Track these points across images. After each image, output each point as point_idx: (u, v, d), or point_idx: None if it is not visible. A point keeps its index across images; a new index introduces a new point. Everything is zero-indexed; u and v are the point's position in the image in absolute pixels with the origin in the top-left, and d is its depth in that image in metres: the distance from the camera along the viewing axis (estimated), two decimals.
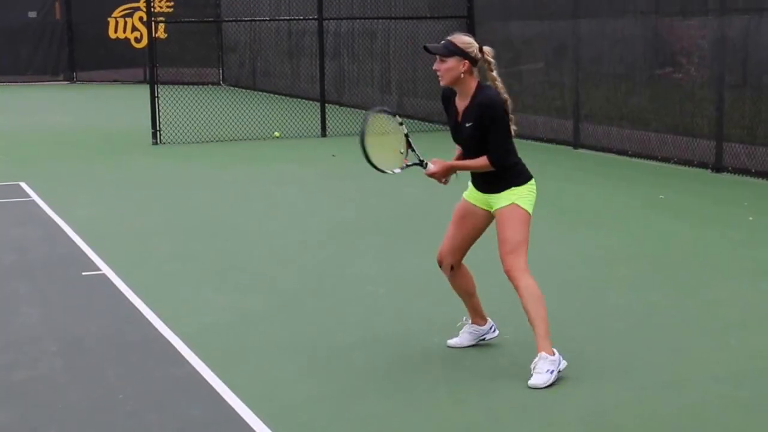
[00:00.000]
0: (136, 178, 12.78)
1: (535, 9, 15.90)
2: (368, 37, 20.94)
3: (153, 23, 16.91)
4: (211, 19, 25.86)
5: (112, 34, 30.57)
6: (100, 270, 7.91)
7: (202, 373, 5.48)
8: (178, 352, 5.84)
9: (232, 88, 27.32)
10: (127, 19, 30.37)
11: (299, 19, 21.89)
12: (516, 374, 5.42)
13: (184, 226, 9.74)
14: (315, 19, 18.04)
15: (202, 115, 17.61)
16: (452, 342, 5.98)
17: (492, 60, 5.45)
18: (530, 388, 5.22)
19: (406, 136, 5.64)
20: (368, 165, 5.54)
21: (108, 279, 7.64)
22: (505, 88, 5.45)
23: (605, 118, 14.43)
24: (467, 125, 5.45)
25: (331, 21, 20.85)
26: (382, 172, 5.59)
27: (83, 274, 7.81)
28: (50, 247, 8.83)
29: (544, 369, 5.30)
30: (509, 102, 5.39)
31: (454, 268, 5.76)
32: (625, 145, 13.98)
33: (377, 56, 20.56)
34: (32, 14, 29.59)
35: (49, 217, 10.10)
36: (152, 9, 16.88)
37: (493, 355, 5.80)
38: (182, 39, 27.78)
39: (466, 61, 5.38)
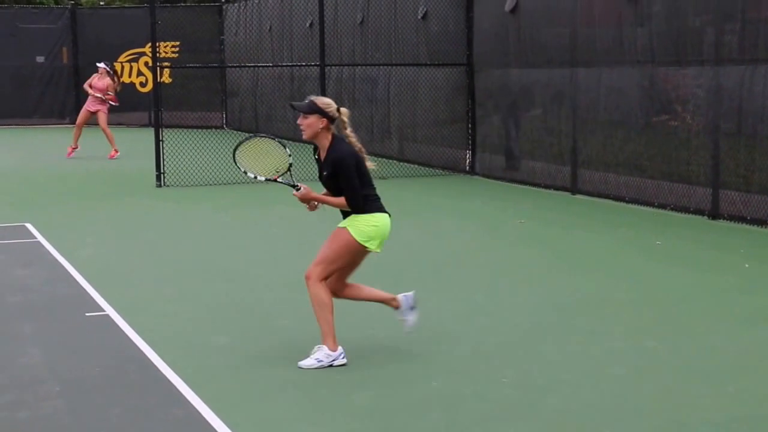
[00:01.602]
0: (140, 220, 12.79)
1: (533, 57, 16.02)
2: (369, 83, 21.05)
3: (158, 68, 17.01)
4: (215, 64, 26.01)
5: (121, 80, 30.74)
6: (103, 311, 7.91)
7: (203, 413, 5.46)
8: (180, 393, 5.83)
9: (235, 131, 27.43)
10: (132, 64, 30.53)
11: (302, 66, 22.03)
12: (514, 416, 5.40)
13: (187, 268, 9.74)
14: (317, 65, 18.14)
15: (205, 158, 17.65)
16: (407, 327, 6.86)
17: (346, 120, 6.41)
18: (298, 367, 6.29)
19: (290, 165, 6.57)
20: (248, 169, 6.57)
21: (111, 320, 7.63)
22: (360, 143, 6.44)
23: (602, 164, 14.48)
24: (324, 173, 6.40)
25: (333, 67, 20.97)
26: (244, 172, 6.60)
27: (87, 314, 7.80)
28: (55, 287, 8.83)
29: (314, 357, 6.37)
30: (362, 150, 6.41)
31: (338, 293, 6.61)
32: (622, 191, 14.02)
33: (378, 102, 20.67)
34: (40, 59, 29.74)
35: (54, 258, 10.11)
36: (157, 54, 16.98)
37: (492, 397, 5.77)
38: (186, 83, 27.92)
39: (325, 119, 6.33)
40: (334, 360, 6.38)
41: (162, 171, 16.34)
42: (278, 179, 6.60)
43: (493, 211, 13.64)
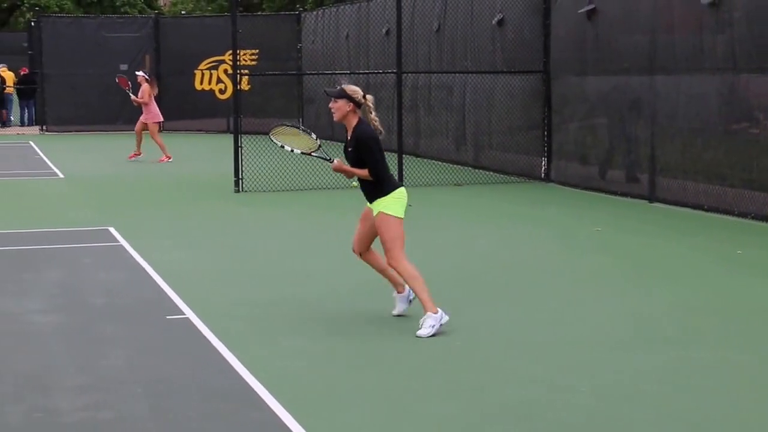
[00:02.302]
0: (219, 224, 12.88)
1: (611, 64, 15.77)
2: (445, 90, 20.96)
3: (238, 76, 17.13)
4: (292, 72, 26.17)
5: (198, 86, 31.09)
6: (183, 314, 7.95)
7: (282, 418, 5.43)
8: (259, 397, 5.80)
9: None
10: (212, 71, 30.87)
11: (378, 73, 22.03)
12: (594, 427, 5.27)
13: (265, 272, 9.75)
14: (394, 73, 18.11)
15: (282, 164, 17.72)
16: (395, 312, 7.77)
17: (371, 105, 7.43)
18: (417, 336, 7.13)
19: (319, 145, 7.75)
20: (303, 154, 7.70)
21: (191, 323, 7.66)
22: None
23: (681, 172, 14.19)
24: (349, 149, 7.44)
25: (409, 74, 20.92)
26: (281, 147, 7.75)
27: (167, 317, 7.85)
28: (136, 290, 8.90)
29: (428, 324, 7.20)
30: (383, 133, 7.44)
31: (362, 254, 7.71)
32: (701, 199, 13.70)
33: (453, 109, 20.57)
34: (124, 67, 30.18)
35: (136, 261, 10.22)
36: (237, 62, 17.09)
37: (571, 407, 5.65)
38: (265, 91, 28.13)
39: (352, 103, 7.37)
40: (441, 320, 7.27)
41: (240, 176, 16.44)
42: (312, 153, 7.68)
43: (569, 219, 13.45)
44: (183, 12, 43.46)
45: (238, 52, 17.15)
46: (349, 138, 7.42)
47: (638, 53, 15.05)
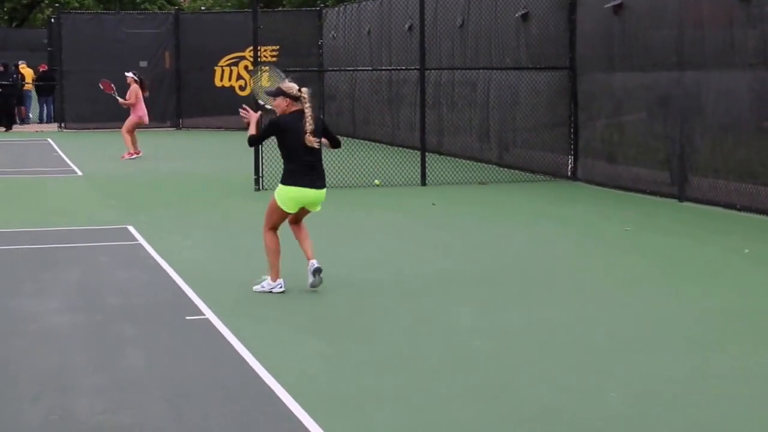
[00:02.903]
0: (239, 224, 12.86)
1: (638, 60, 15.65)
2: (468, 87, 20.88)
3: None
4: (313, 68, 26.13)
5: (218, 82, 31.12)
6: (203, 314, 7.93)
7: (303, 420, 5.40)
8: (280, 400, 5.78)
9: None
10: (232, 67, 30.89)
11: (401, 69, 21.95)
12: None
13: (286, 273, 9.71)
14: (417, 69, 18.05)
15: None
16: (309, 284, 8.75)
17: (306, 97, 8.50)
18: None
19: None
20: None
21: (211, 324, 7.64)
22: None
23: (711, 170, 14.04)
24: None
25: (432, 71, 20.84)
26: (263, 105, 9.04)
27: (187, 318, 7.83)
28: (155, 290, 8.90)
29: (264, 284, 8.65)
30: (310, 126, 8.52)
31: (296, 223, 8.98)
32: (732, 198, 13.56)
33: (477, 106, 20.48)
34: (143, 63, 30.24)
35: (155, 261, 10.22)
36: (258, 58, 17.07)
37: (600, 412, 5.57)
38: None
39: (288, 98, 8.52)
40: (275, 288, 8.66)
41: (260, 175, 16.42)
42: (267, 105, 8.92)
43: (596, 218, 13.36)
44: (203, 8, 43.55)
45: (258, 48, 17.13)
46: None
47: (666, 49, 14.91)
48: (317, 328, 7.55)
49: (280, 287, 8.66)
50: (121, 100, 21.89)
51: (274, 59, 28.45)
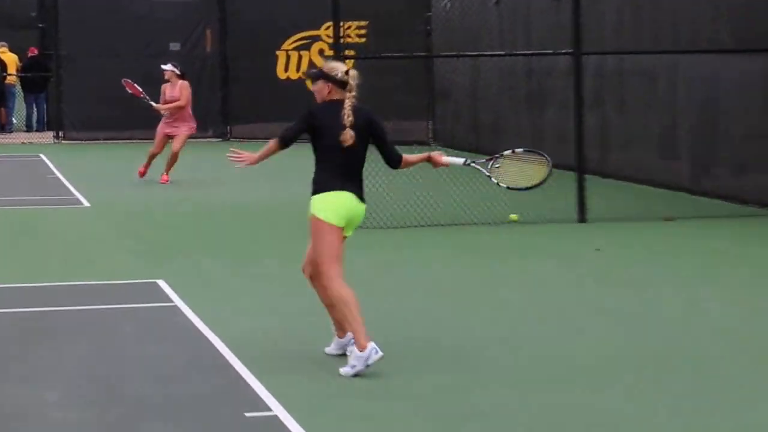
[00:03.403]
0: None
1: None
2: (645, 78, 20.71)
3: (342, 59, 17.15)
4: (419, 53, 26.22)
5: (281, 73, 31.37)
6: (270, 410, 7.95)
7: None
8: None
9: (446, 150, 27.49)
10: (302, 52, 31.14)
11: (545, 54, 21.87)
12: None
13: (392, 351, 9.65)
14: (569, 54, 17.95)
15: (408, 189, 17.66)
16: (327, 350, 9.34)
17: (353, 82, 8.91)
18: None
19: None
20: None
21: (281, 423, 7.65)
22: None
23: None
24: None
25: (592, 56, 20.71)
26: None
27: (246, 414, 7.87)
28: (199, 373, 8.93)
29: (352, 362, 8.72)
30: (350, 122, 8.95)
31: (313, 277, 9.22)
32: None
33: (658, 106, 20.29)
34: (175, 46, 30.71)
35: (198, 330, 10.26)
36: (339, 39, 17.12)
37: None
38: (377, 81, 28.06)
39: (330, 83, 8.97)
40: (368, 359, 8.67)
41: None
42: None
43: None
44: None
45: (340, 24, 17.21)
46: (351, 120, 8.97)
47: None
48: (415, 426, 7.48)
49: (376, 353, 8.67)
50: (156, 105, 21.98)
51: (361, 40, 28.64)
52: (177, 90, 21.65)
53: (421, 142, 28.44)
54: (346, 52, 19.97)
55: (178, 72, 21.89)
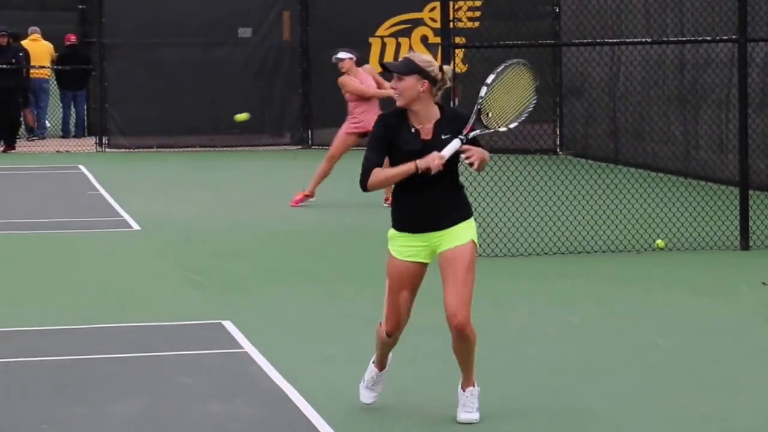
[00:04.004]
0: (418, 317, 12.86)
1: None
2: None
3: (450, 48, 17.21)
4: (546, 41, 26.11)
5: (375, 65, 31.42)
6: None
7: None
8: None
9: (577, 160, 27.43)
10: (400, 39, 31.19)
11: (701, 41, 21.77)
12: None
13: (512, 406, 9.72)
14: (732, 41, 17.87)
15: (528, 209, 17.66)
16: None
17: (447, 80, 9.00)
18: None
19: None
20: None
21: None
22: None
23: None
24: (444, 137, 8.97)
25: (760, 43, 20.62)
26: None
27: None
28: None
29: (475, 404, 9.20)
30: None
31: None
32: None
33: None
34: (245, 32, 30.85)
35: (273, 383, 10.35)
36: (449, 24, 17.15)
37: None
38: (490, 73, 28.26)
39: (426, 81, 8.94)
40: None
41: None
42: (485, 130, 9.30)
43: None
44: None
45: (449, 4, 17.26)
46: (428, 129, 9.02)
47: None
48: None
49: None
50: (381, 90, 21.84)
51: (474, 25, 28.69)
52: (363, 77, 21.74)
53: (547, 150, 28.44)
54: (456, 39, 20.00)
55: (354, 58, 22.04)
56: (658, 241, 16.93)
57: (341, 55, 22.01)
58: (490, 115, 9.24)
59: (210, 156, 30.53)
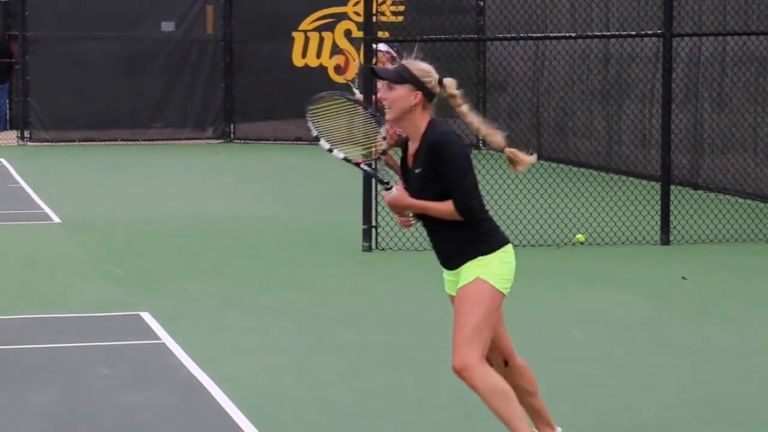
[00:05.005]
0: (336, 312, 12.93)
1: None
2: (754, 66, 20.69)
3: (374, 42, 17.22)
4: (469, 35, 26.15)
5: (297, 60, 31.44)
6: None
7: None
8: None
9: (499, 154, 27.45)
10: (323, 33, 31.19)
11: (626, 36, 21.88)
12: None
13: (430, 400, 9.75)
14: (657, 36, 17.96)
15: None
16: None
17: (456, 92, 7.96)
18: None
19: (383, 152, 8.20)
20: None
21: None
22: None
23: None
24: (416, 170, 7.89)
25: (685, 38, 20.75)
26: (315, 138, 8.21)
27: None
28: (191, 425, 9.02)
29: None
30: (483, 144, 8.13)
31: (507, 362, 8.21)
32: None
33: None
34: (168, 26, 30.80)
35: (189, 373, 10.35)
36: (372, 18, 17.17)
37: None
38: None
39: (420, 92, 7.84)
40: None
41: (374, 224, 16.47)
42: (362, 164, 8.14)
43: None
44: None
45: None
46: (414, 152, 7.98)
47: None
48: None
49: None
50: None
51: (398, 19, 28.71)
52: None
53: (468, 145, 28.49)
54: (379, 34, 20.02)
55: (394, 55, 21.79)
56: (579, 236, 17.02)
57: (382, 47, 21.93)
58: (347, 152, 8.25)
59: (132, 150, 30.44)
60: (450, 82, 7.96)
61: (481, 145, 29.08)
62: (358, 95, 20.47)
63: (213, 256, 16.42)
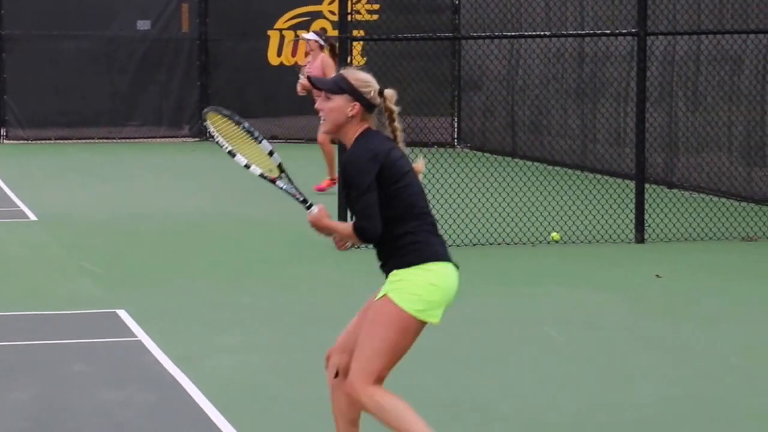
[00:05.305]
0: (315, 311, 12.94)
1: None
2: (727, 65, 20.71)
3: (348, 41, 17.24)
4: (443, 34, 26.11)
5: (273, 59, 31.42)
6: None
7: None
8: None
9: (474, 153, 27.53)
10: (299, 32, 31.17)
11: (600, 35, 21.91)
12: None
13: (405, 398, 9.76)
14: (631, 35, 17.98)
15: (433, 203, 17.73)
16: None
17: (393, 106, 7.65)
18: None
19: (280, 165, 8.15)
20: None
21: None
22: None
23: None
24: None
25: (660, 37, 20.78)
26: (228, 152, 8.07)
27: None
28: (168, 424, 9.01)
29: None
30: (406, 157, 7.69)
31: (339, 373, 7.74)
32: None
33: (743, 99, 20.29)
34: (143, 25, 30.74)
35: (166, 372, 10.35)
36: (347, 17, 17.18)
37: None
38: (392, 67, 28.18)
39: (358, 103, 7.57)
40: None
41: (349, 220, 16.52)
42: (277, 182, 8.17)
43: None
44: None
45: None
46: None
47: None
48: None
49: None
50: (303, 80, 21.49)
51: (372, 17, 28.70)
52: (318, 66, 21.50)
53: (444, 144, 28.51)
54: (354, 32, 20.01)
55: (321, 43, 21.72)
56: (554, 234, 17.04)
57: (307, 35, 21.98)
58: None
59: (109, 148, 30.38)
60: (390, 94, 7.66)
61: (455, 143, 29.38)
62: (303, 80, 20.70)
63: (190, 254, 16.42)
